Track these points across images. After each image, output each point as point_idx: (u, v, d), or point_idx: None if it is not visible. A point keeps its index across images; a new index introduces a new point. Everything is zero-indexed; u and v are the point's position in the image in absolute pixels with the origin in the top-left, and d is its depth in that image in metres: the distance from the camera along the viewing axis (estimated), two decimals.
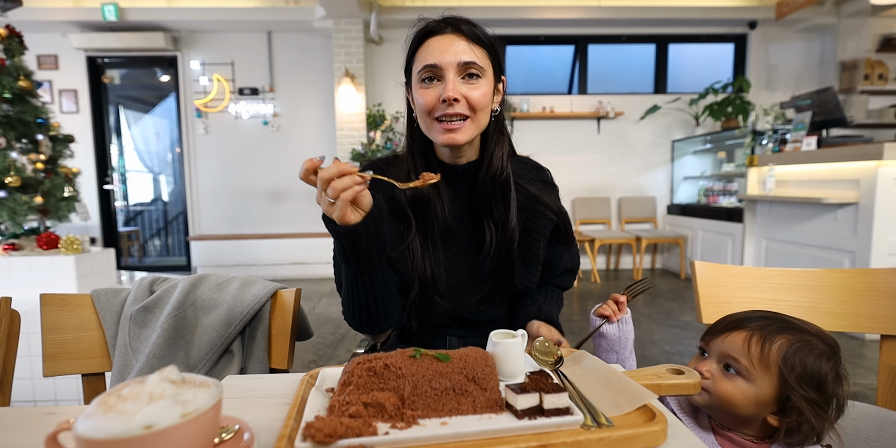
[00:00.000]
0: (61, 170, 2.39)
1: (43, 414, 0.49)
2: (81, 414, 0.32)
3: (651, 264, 4.75)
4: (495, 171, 0.81)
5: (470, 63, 0.75)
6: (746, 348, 0.62)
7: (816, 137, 2.91)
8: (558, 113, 4.57)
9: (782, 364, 0.61)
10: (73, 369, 0.84)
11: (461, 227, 0.85)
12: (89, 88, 4.57)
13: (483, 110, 0.77)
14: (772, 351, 0.62)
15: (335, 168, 0.58)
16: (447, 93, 0.73)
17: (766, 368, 0.62)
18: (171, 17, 4.25)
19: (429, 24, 0.78)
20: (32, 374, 1.78)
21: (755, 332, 0.64)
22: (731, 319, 0.68)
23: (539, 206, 0.86)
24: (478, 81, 0.76)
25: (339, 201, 0.59)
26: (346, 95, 4.33)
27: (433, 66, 0.75)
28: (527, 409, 0.45)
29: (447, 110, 0.75)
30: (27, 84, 2.21)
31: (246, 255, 4.49)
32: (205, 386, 0.36)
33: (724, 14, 4.41)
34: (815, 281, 0.89)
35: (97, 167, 4.67)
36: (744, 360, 0.62)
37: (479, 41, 0.76)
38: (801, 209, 2.95)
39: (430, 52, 0.76)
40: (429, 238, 0.83)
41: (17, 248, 2.16)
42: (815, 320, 0.88)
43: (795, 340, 0.62)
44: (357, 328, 0.78)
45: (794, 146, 3.02)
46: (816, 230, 2.84)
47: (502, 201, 0.82)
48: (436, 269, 0.82)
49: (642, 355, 2.32)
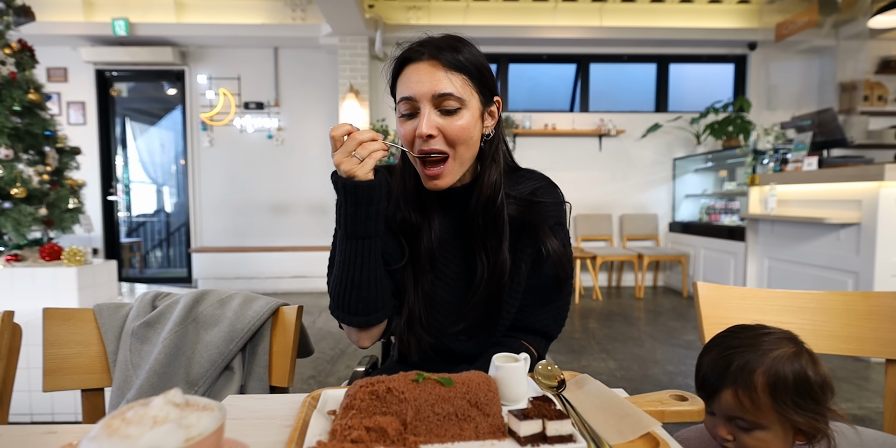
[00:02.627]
0: (67, 181, 2.41)
1: (44, 433, 0.49)
2: (85, 437, 0.32)
3: (653, 282, 4.73)
4: (487, 196, 0.77)
5: (446, 95, 0.70)
6: (740, 405, 0.61)
7: (817, 158, 2.93)
8: (560, 130, 4.62)
9: (774, 404, 0.60)
10: (73, 385, 0.83)
11: (448, 257, 0.82)
12: (97, 101, 4.63)
13: (464, 143, 0.73)
14: (759, 398, 0.60)
15: (370, 133, 0.66)
16: (420, 129, 0.70)
17: (769, 413, 0.61)
18: (180, 33, 4.34)
19: (407, 50, 0.74)
20: (30, 387, 1.76)
21: (735, 385, 0.62)
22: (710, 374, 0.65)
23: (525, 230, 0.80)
24: (457, 113, 0.71)
25: (370, 159, 0.66)
26: (351, 111, 4.39)
27: (409, 99, 0.71)
28: (529, 435, 0.44)
29: (423, 146, 0.72)
30: (37, 97, 2.25)
31: (247, 267, 4.49)
32: (208, 409, 0.36)
33: (724, 35, 4.49)
34: (819, 303, 0.89)
35: (102, 178, 4.71)
36: (747, 415, 0.61)
37: (458, 68, 0.71)
38: (804, 229, 2.95)
39: (406, 82, 0.72)
40: (417, 266, 0.80)
41: (19, 259, 2.16)
42: (819, 343, 0.89)
43: (764, 366, 0.61)
44: (342, 316, 0.75)
45: (796, 166, 3.04)
46: (819, 250, 2.83)
47: (493, 230, 0.77)
48: (422, 300, 0.80)
49: (645, 375, 2.30)
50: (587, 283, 4.62)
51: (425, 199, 0.81)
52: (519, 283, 0.80)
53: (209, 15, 4.39)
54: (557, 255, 0.79)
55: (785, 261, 3.14)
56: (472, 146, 0.75)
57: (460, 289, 0.81)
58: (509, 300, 0.80)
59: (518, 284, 0.80)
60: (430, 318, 0.81)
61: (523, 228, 0.79)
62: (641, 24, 4.49)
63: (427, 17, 4.45)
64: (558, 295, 0.83)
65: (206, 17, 4.39)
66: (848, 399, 2.04)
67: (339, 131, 0.66)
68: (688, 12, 4.52)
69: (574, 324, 3.30)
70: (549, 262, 0.79)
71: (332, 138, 0.66)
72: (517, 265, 0.79)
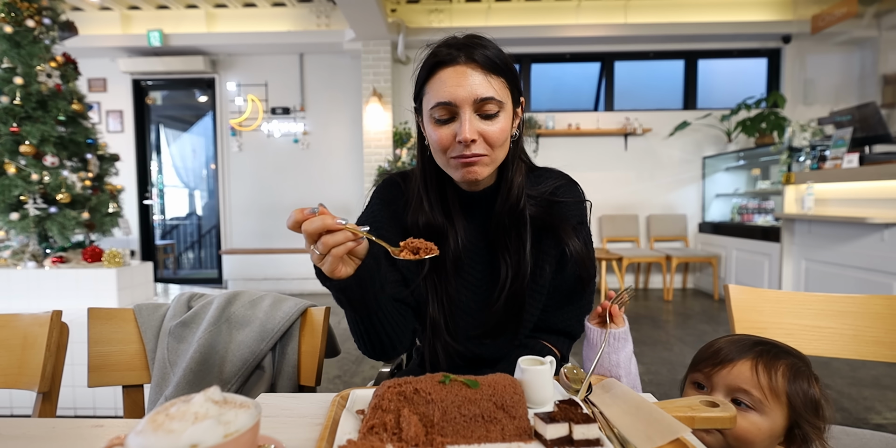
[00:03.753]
0: (107, 187, 2.53)
1: (92, 426, 0.52)
2: (132, 430, 0.34)
3: (682, 284, 4.60)
4: (513, 199, 0.76)
5: (487, 99, 0.67)
6: (756, 378, 0.59)
7: (858, 154, 2.80)
8: (584, 130, 4.55)
9: (790, 391, 0.58)
10: (115, 381, 0.87)
11: (473, 260, 0.81)
12: (133, 109, 4.84)
13: (502, 146, 0.71)
14: (778, 378, 0.59)
15: (319, 222, 0.52)
16: (464, 134, 0.66)
17: (776, 398, 0.59)
18: (211, 42, 4.49)
19: (439, 53, 0.69)
20: (74, 382, 1.85)
21: (758, 359, 0.60)
22: (727, 348, 0.64)
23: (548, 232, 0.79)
24: (497, 117, 0.69)
25: (330, 256, 0.54)
26: (374, 114, 4.44)
27: (447, 104, 0.67)
28: (556, 439, 0.44)
29: (464, 151, 0.68)
30: (80, 107, 2.36)
31: (275, 268, 4.59)
32: (245, 406, 0.38)
33: (756, 29, 4.34)
34: (861, 307, 0.85)
35: (138, 183, 4.91)
36: (755, 391, 0.59)
37: (496, 70, 0.68)
38: (844, 229, 2.82)
39: (442, 86, 0.68)
40: (440, 272, 0.79)
41: (64, 261, 2.28)
42: (861, 350, 0.85)
43: (791, 365, 0.60)
44: (368, 355, 0.76)
45: (835, 163, 2.91)
46: (861, 251, 2.70)
47: (516, 233, 0.76)
48: (447, 308, 0.79)
49: (674, 380, 2.23)
50: (613, 285, 4.53)
51: (449, 202, 0.80)
52: (543, 286, 0.79)
53: (238, 24, 4.53)
54: (580, 255, 0.77)
55: (824, 262, 3.00)
56: (506, 148, 0.74)
57: (484, 293, 0.80)
58: (533, 302, 0.79)
59: (542, 286, 0.79)
60: (454, 325, 0.80)
61: (545, 229, 0.78)
62: (668, 19, 4.38)
63: (449, 19, 4.47)
64: (582, 294, 0.82)
65: (235, 26, 4.53)
66: (893, 408, 1.94)
67: (312, 227, 0.52)
68: (717, 6, 4.39)
69: None
70: (573, 262, 0.78)
71: (304, 233, 0.54)
72: (541, 267, 0.78)
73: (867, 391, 2.12)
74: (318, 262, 0.56)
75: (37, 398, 0.78)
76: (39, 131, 2.18)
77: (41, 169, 2.21)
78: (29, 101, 2.20)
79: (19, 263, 2.26)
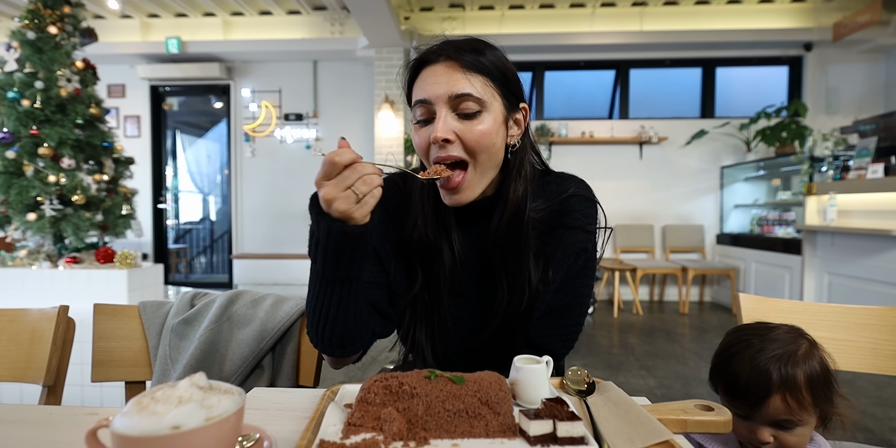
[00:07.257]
0: (121, 189, 2.55)
1: (87, 413, 0.56)
2: (119, 413, 0.36)
3: (699, 297, 4.49)
4: (512, 212, 0.69)
5: (464, 96, 0.63)
6: (788, 409, 0.65)
7: (883, 164, 2.71)
8: (598, 138, 4.50)
9: (814, 399, 0.65)
10: (119, 376, 0.88)
11: (468, 276, 0.74)
12: (150, 114, 4.93)
13: (486, 151, 0.66)
14: (804, 396, 0.65)
15: (372, 166, 0.54)
16: (434, 133, 0.63)
17: (808, 410, 0.66)
18: (227, 49, 4.56)
19: (423, 52, 0.67)
20: (83, 381, 1.85)
21: (782, 389, 0.66)
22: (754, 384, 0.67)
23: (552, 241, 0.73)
24: (477, 117, 0.64)
25: (371, 198, 0.54)
26: (386, 121, 4.46)
27: (423, 102, 0.65)
28: (539, 435, 0.45)
29: (439, 153, 0.64)
30: (97, 111, 2.40)
31: (284, 274, 4.60)
32: (229, 393, 0.39)
33: (776, 36, 4.26)
34: (879, 320, 0.82)
35: (153, 187, 4.98)
36: (794, 416, 0.66)
37: (479, 69, 0.64)
38: (869, 242, 2.72)
39: (422, 84, 0.66)
40: (432, 291, 0.73)
41: (77, 261, 2.30)
42: (880, 364, 0.82)
43: (800, 367, 0.66)
44: (319, 347, 0.66)
45: (858, 174, 2.81)
46: (887, 265, 2.59)
47: (515, 251, 0.70)
48: (437, 329, 0.73)
49: (688, 394, 2.16)
50: (627, 297, 4.44)
51: (444, 214, 0.73)
52: (538, 310, 0.73)
53: (254, 31, 4.61)
54: (573, 286, 0.72)
55: (847, 276, 2.90)
56: (495, 155, 0.68)
57: (477, 314, 0.74)
58: (528, 327, 0.73)
59: (538, 310, 0.73)
60: (443, 347, 0.75)
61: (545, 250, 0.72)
62: (685, 27, 4.34)
63: (462, 27, 4.48)
64: (568, 315, 0.75)
65: (251, 33, 4.61)
66: None
67: (344, 158, 0.52)
68: (736, 13, 4.33)
69: (612, 338, 3.17)
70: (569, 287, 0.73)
71: (330, 164, 0.52)
72: (539, 290, 0.71)
73: (893, 411, 2.02)
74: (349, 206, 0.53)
75: (42, 392, 0.79)
76: (58, 134, 2.22)
77: (58, 171, 2.25)
78: (49, 105, 2.24)
79: (34, 263, 2.29)
